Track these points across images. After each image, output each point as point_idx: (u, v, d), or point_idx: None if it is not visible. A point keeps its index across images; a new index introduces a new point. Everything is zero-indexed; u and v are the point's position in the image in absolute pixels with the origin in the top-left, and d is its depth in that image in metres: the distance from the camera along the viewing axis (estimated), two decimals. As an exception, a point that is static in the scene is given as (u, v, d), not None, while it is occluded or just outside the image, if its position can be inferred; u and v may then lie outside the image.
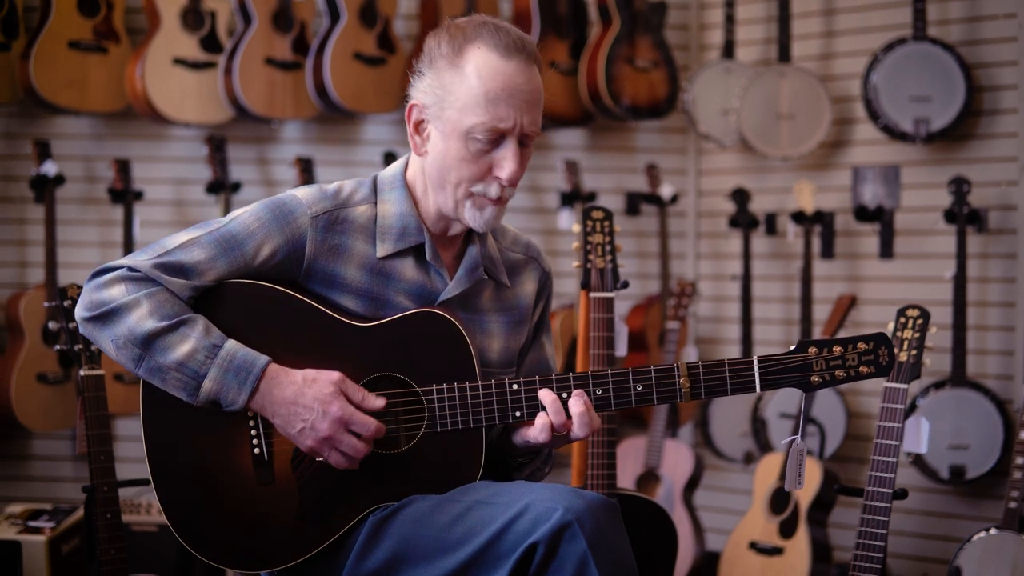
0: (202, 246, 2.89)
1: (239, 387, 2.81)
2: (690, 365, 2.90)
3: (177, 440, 2.90)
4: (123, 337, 2.82)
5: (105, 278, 2.87)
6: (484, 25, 2.91)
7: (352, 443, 2.82)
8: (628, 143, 6.65)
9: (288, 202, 2.96)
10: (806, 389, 2.90)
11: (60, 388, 5.83)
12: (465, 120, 2.86)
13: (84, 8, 5.82)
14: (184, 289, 2.86)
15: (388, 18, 6.11)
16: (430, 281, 3.02)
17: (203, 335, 2.82)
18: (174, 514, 2.90)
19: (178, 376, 2.81)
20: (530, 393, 2.89)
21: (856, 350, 2.89)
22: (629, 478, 5.93)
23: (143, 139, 6.26)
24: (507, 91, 2.87)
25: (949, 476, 5.46)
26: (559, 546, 2.65)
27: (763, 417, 5.98)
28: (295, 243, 2.94)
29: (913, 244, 5.89)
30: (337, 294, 2.96)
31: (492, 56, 2.87)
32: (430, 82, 2.92)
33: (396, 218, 3.00)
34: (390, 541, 2.82)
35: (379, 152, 6.23)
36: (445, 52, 2.90)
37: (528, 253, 3.22)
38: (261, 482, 2.89)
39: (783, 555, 5.42)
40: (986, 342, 5.70)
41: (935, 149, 5.85)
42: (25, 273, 6.19)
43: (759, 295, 6.31)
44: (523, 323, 3.18)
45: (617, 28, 6.24)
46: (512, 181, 2.91)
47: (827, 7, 6.22)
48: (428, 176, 2.98)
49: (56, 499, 5.89)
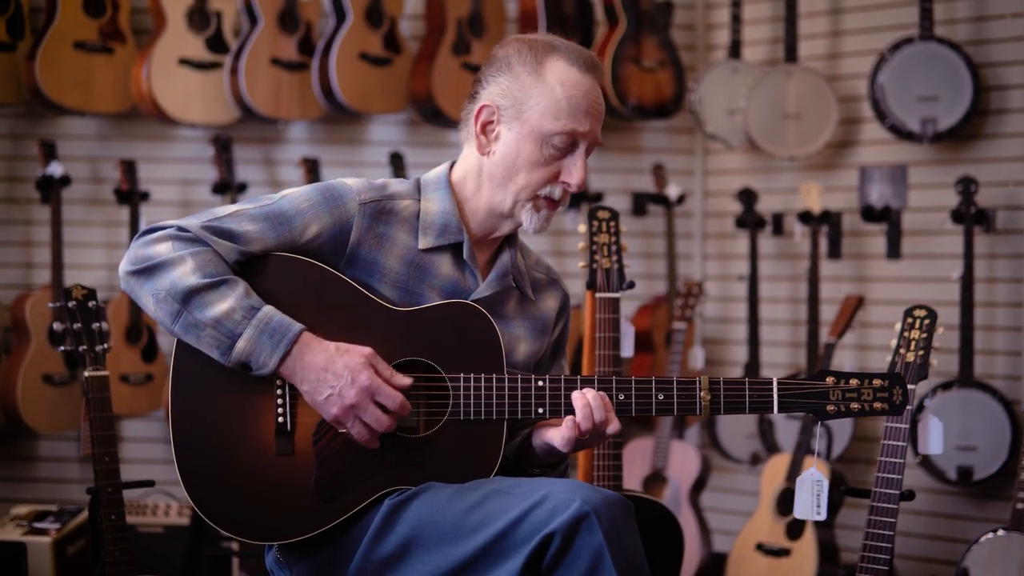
0: (252, 218, 2.97)
1: (272, 349, 2.85)
2: (712, 380, 2.97)
3: (202, 407, 2.93)
4: (164, 291, 2.86)
5: (154, 235, 2.93)
6: (557, 40, 3.08)
7: (376, 414, 2.85)
8: (634, 143, 6.64)
9: (338, 187, 3.05)
10: (821, 417, 2.99)
11: (66, 389, 5.83)
12: (545, 125, 2.99)
13: (90, 9, 5.82)
14: (231, 253, 2.92)
15: (394, 18, 6.11)
16: (463, 279, 3.09)
17: (243, 296, 2.87)
18: (191, 480, 2.92)
19: (213, 333, 2.85)
20: (554, 392, 2.95)
21: (872, 386, 2.98)
22: (636, 479, 5.92)
23: (149, 140, 6.26)
24: (587, 101, 3.02)
25: (956, 477, 5.45)
26: (576, 537, 2.68)
27: (770, 419, 5.97)
28: (342, 226, 3.01)
29: (920, 244, 5.88)
30: (375, 281, 3.02)
31: (573, 70, 3.02)
32: (507, 85, 3.03)
33: (439, 215, 3.08)
34: (405, 526, 2.85)
35: (385, 152, 6.22)
36: (526, 59, 3.03)
37: (550, 276, 3.33)
38: (280, 453, 2.92)
39: (790, 556, 5.41)
40: (993, 343, 5.69)
41: (942, 149, 5.84)
42: (31, 274, 6.19)
43: (766, 295, 6.30)
44: (544, 333, 3.24)
45: (623, 28, 6.23)
46: (581, 186, 3.04)
47: (834, 7, 6.21)
48: (490, 175, 3.07)
49: (61, 500, 5.89)
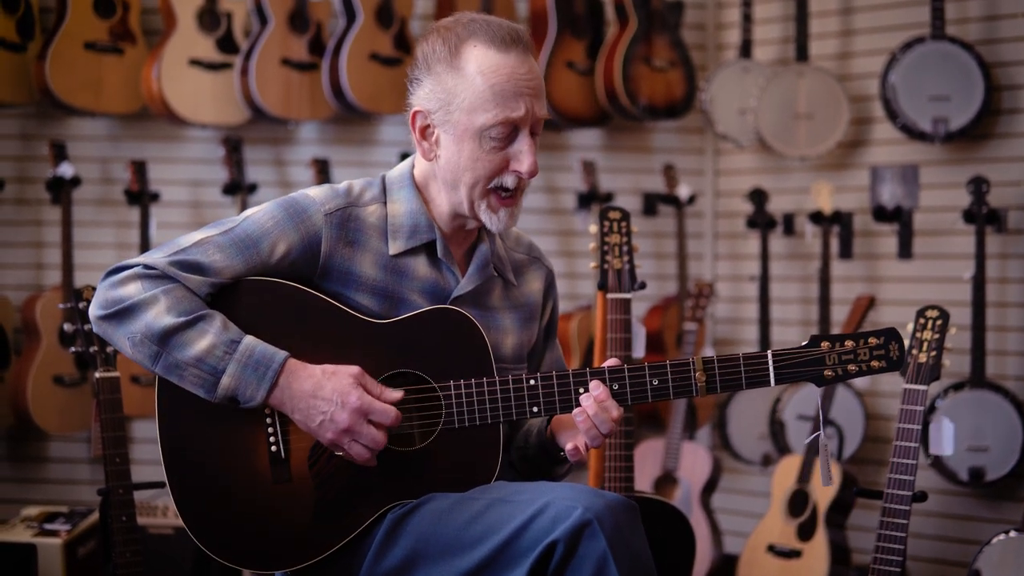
0: (218, 245, 2.89)
1: (258, 383, 2.80)
2: (705, 359, 2.91)
3: (192, 439, 2.89)
4: (140, 334, 2.81)
5: (120, 276, 2.87)
6: (473, 22, 2.94)
7: (372, 434, 2.81)
8: (645, 143, 6.63)
9: (301, 200, 2.98)
10: (819, 383, 2.94)
11: (76, 390, 5.83)
12: (476, 120, 2.89)
13: (100, 9, 5.82)
14: (201, 286, 2.86)
15: (404, 18, 6.10)
16: (442, 278, 3.03)
17: (221, 330, 2.81)
18: (189, 514, 2.89)
19: (196, 372, 2.80)
20: (547, 388, 2.90)
21: (867, 345, 2.92)
22: (647, 481, 5.92)
23: (159, 140, 6.26)
24: (512, 83, 2.88)
25: (968, 478, 5.44)
26: (579, 545, 2.65)
27: (781, 419, 5.95)
28: (310, 241, 2.94)
29: (932, 244, 5.87)
30: (352, 291, 2.96)
31: (490, 52, 2.89)
32: (431, 87, 2.94)
33: (406, 216, 3.01)
34: (408, 539, 2.82)
35: (395, 152, 6.22)
36: (441, 55, 2.92)
37: (531, 253, 3.25)
38: (277, 481, 2.88)
39: (801, 558, 5.40)
40: (1005, 343, 5.67)
41: (954, 149, 5.83)
42: (41, 275, 6.19)
43: (777, 296, 6.29)
44: (533, 319, 3.20)
45: (634, 28, 6.22)
46: (532, 172, 2.93)
47: (845, 6, 6.19)
48: (442, 179, 2.99)
49: (72, 502, 5.89)
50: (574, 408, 2.89)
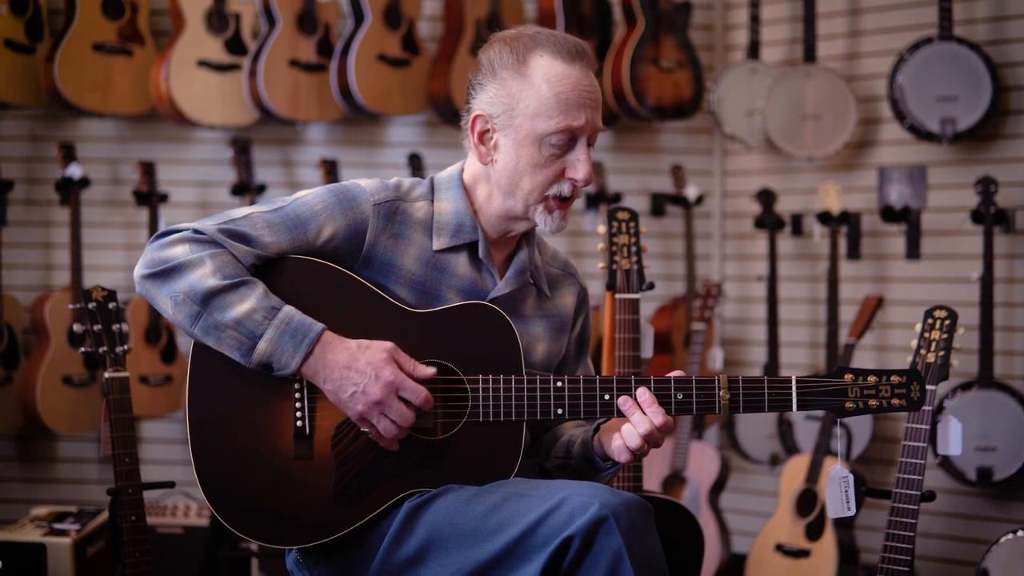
0: (267, 221, 2.95)
1: (294, 349, 2.84)
2: (731, 379, 2.95)
3: (220, 410, 2.92)
4: (183, 293, 2.84)
5: (169, 238, 2.91)
6: (540, 33, 3.01)
7: (401, 410, 2.84)
8: (653, 144, 6.64)
9: (352, 189, 3.03)
10: (839, 414, 2.97)
11: (85, 390, 5.84)
12: (538, 126, 2.95)
13: (109, 11, 5.83)
14: (247, 256, 2.91)
15: (412, 20, 6.11)
16: (480, 279, 3.08)
17: (263, 296, 2.85)
18: (209, 484, 2.91)
19: (234, 335, 2.83)
20: (573, 393, 2.93)
21: (889, 382, 2.97)
22: (655, 480, 5.92)
23: (168, 141, 6.27)
24: (577, 93, 2.96)
25: (976, 478, 5.44)
26: (595, 540, 2.67)
27: (789, 419, 5.96)
28: (357, 228, 2.99)
29: (940, 245, 5.87)
30: (391, 282, 3.01)
31: (557, 62, 2.97)
32: (495, 92, 2.99)
33: (452, 215, 3.07)
34: (424, 529, 2.85)
35: (404, 154, 6.23)
36: (508, 62, 2.98)
37: (567, 270, 3.30)
38: (299, 457, 2.91)
39: (810, 557, 5.40)
40: (1014, 343, 5.67)
41: (962, 149, 5.83)
42: (50, 275, 6.21)
43: (785, 296, 6.29)
44: (564, 331, 3.24)
45: (642, 28, 6.22)
46: (588, 181, 2.99)
47: (852, 7, 6.20)
48: (496, 183, 3.04)
49: (81, 501, 5.90)
50: (598, 413, 2.94)
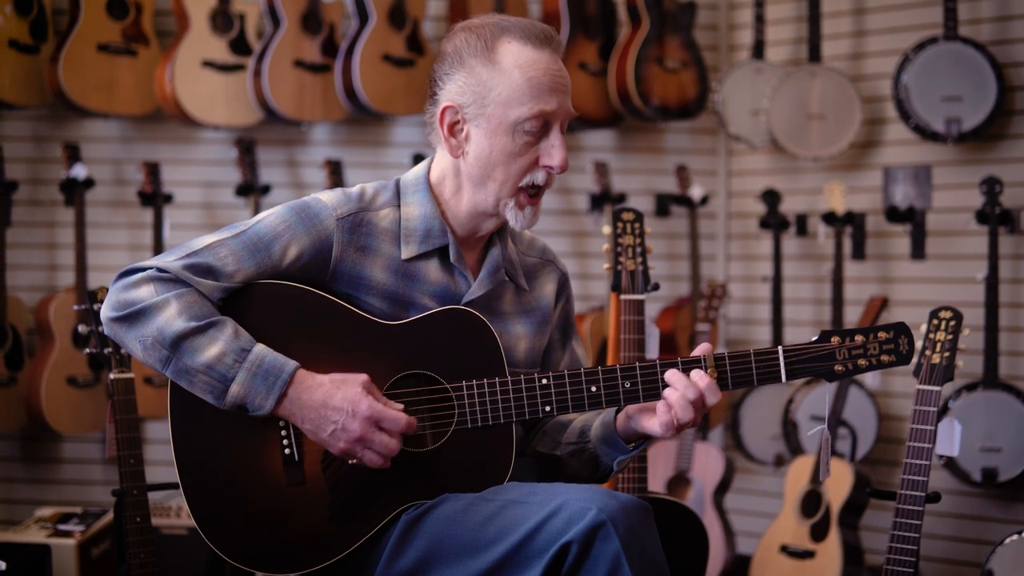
0: (229, 248, 2.90)
1: (267, 392, 2.80)
2: (717, 356, 2.92)
3: (206, 441, 2.89)
4: (151, 338, 2.81)
5: (133, 278, 2.87)
6: (505, 20, 2.97)
7: (384, 441, 2.81)
8: (658, 144, 6.64)
9: (313, 205, 2.97)
10: (830, 378, 2.95)
11: (90, 391, 5.85)
12: (512, 113, 2.90)
13: (113, 11, 5.84)
14: (214, 291, 2.86)
15: (417, 19, 6.11)
16: (454, 283, 3.03)
17: (232, 338, 2.81)
18: (202, 516, 2.89)
19: (206, 379, 2.80)
20: (559, 387, 2.90)
21: (877, 339, 2.94)
22: (659, 481, 5.92)
23: (172, 142, 6.27)
24: (549, 78, 2.92)
25: (981, 479, 5.43)
26: (592, 546, 2.65)
27: (794, 419, 5.95)
28: (322, 244, 2.95)
29: (945, 245, 5.86)
30: (362, 295, 2.97)
31: (527, 48, 2.92)
32: (464, 81, 2.94)
33: (420, 220, 3.02)
34: (422, 540, 2.83)
35: (408, 154, 6.23)
36: (476, 49, 2.93)
37: (544, 256, 3.25)
38: (291, 483, 2.88)
39: (814, 558, 5.39)
40: (1019, 344, 5.67)
41: (967, 149, 5.82)
42: (55, 276, 6.21)
43: (790, 297, 6.28)
44: (546, 323, 3.20)
45: (646, 29, 6.22)
46: (563, 167, 2.95)
47: (857, 6, 6.19)
48: (468, 176, 2.99)
49: (86, 502, 5.91)
50: (587, 406, 2.91)
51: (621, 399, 2.92)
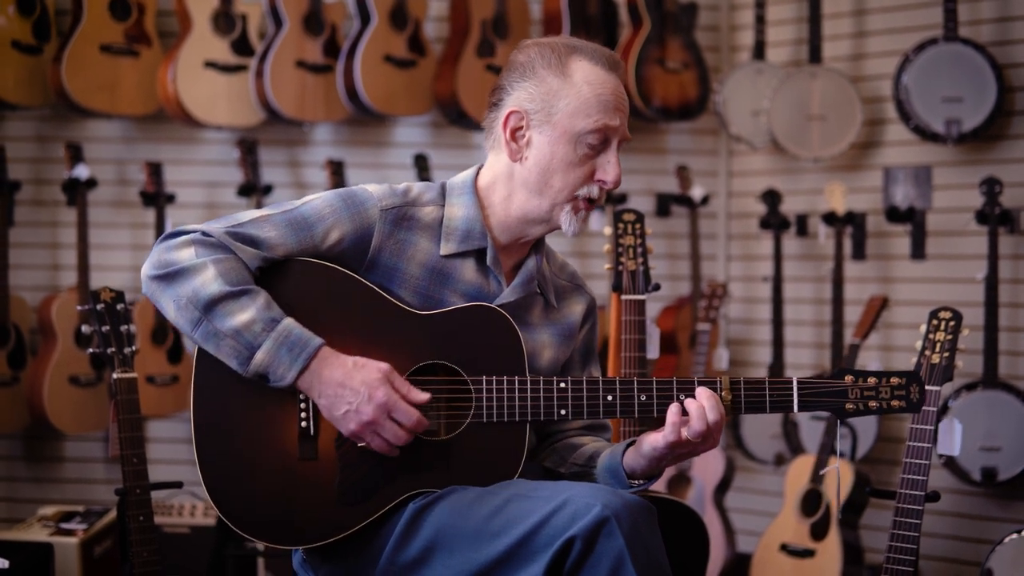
0: (274, 224, 2.97)
1: (290, 363, 2.85)
2: (732, 380, 2.97)
3: (224, 411, 2.93)
4: (186, 298, 2.86)
5: (177, 240, 2.93)
6: (577, 41, 3.09)
7: (394, 430, 2.86)
8: (659, 144, 6.65)
9: (359, 193, 3.05)
10: (840, 416, 2.99)
11: (92, 390, 5.86)
12: (577, 124, 2.99)
13: (116, 11, 5.85)
14: (253, 259, 2.92)
15: (418, 20, 6.12)
16: (487, 285, 3.09)
17: (264, 307, 2.87)
18: (213, 484, 2.92)
19: (233, 344, 2.85)
20: (576, 393, 2.96)
21: (889, 384, 2.99)
22: (660, 480, 5.91)
23: (175, 142, 6.29)
24: (614, 98, 3.03)
25: (981, 478, 5.44)
26: (596, 541, 2.68)
27: (794, 419, 5.96)
28: (363, 232, 3.01)
29: (945, 245, 5.88)
30: (396, 287, 3.02)
31: (596, 68, 3.03)
32: (533, 90, 3.02)
33: (462, 221, 3.08)
34: (428, 530, 2.86)
35: (410, 154, 6.24)
36: (549, 62, 3.03)
37: (574, 281, 3.32)
38: (303, 457, 2.92)
39: (814, 557, 5.41)
40: (1018, 343, 5.68)
41: (967, 150, 5.83)
42: (57, 276, 6.22)
43: (790, 296, 6.30)
44: (571, 338, 3.25)
45: (647, 29, 6.23)
46: (617, 183, 3.06)
47: (858, 8, 6.20)
48: (523, 181, 3.05)
49: (88, 501, 5.91)
50: (601, 414, 2.97)
51: (635, 411, 2.98)
